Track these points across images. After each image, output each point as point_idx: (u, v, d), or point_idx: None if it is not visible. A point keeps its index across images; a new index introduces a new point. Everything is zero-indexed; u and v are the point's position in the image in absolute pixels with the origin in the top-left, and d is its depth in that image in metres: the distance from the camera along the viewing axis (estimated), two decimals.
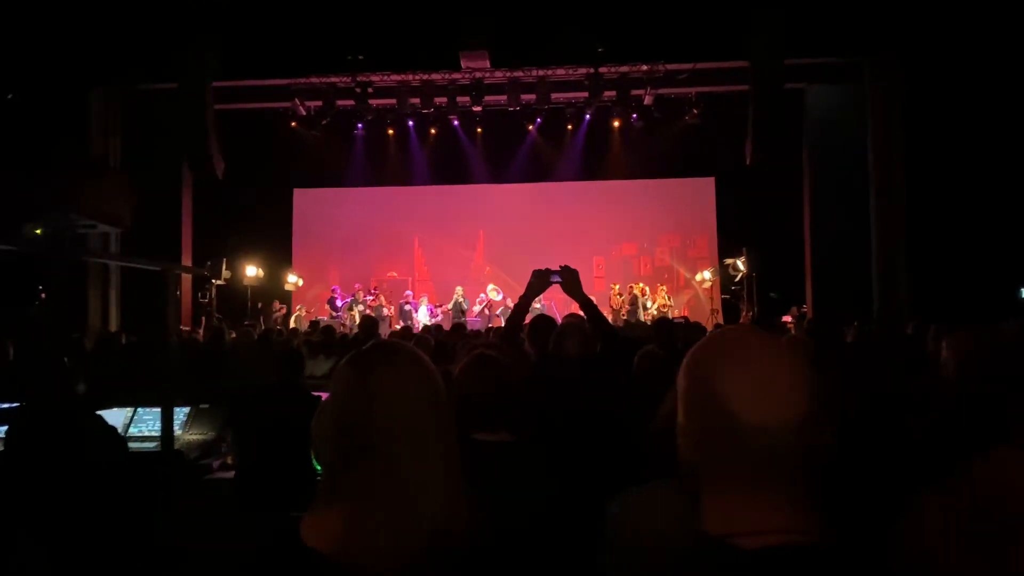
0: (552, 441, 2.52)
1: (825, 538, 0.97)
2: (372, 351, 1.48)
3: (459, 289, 15.89)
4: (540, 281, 3.11)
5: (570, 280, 3.12)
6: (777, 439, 0.97)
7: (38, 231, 10.64)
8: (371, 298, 16.05)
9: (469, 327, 10.66)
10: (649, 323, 11.85)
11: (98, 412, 4.42)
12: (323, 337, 7.49)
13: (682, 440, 1.08)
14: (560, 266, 3.21)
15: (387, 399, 1.37)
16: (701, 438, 1.04)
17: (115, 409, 4.61)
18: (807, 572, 0.93)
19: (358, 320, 13.01)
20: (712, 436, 1.02)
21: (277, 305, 15.56)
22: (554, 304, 14.40)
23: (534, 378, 3.38)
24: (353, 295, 16.06)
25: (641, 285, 15.99)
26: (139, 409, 4.65)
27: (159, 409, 4.05)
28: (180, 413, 4.65)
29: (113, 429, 3.05)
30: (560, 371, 3.36)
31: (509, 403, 2.20)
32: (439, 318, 15.15)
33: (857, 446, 2.08)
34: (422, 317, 15.43)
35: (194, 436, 4.60)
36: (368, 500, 1.32)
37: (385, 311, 15.51)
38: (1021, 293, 13.04)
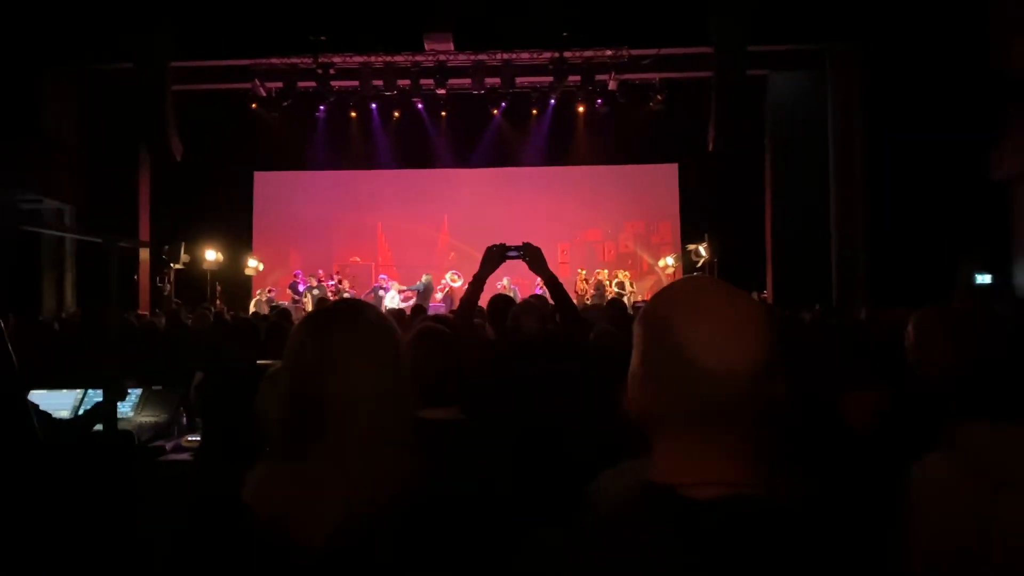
0: (504, 418, 2.50)
1: (773, 490, 0.96)
2: (332, 310, 1.39)
3: (426, 277, 15.84)
4: (494, 258, 3.07)
5: (535, 257, 3.09)
6: (733, 387, 0.94)
7: None
8: (332, 283, 15.89)
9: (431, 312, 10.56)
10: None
11: (47, 392, 4.37)
12: (281, 320, 7.38)
13: (634, 387, 1.04)
14: (522, 243, 3.17)
15: (343, 362, 1.28)
16: (655, 385, 1.00)
17: (64, 391, 4.51)
18: (755, 523, 0.92)
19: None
20: (666, 383, 0.98)
21: (219, 304, 14.54)
22: (516, 287, 14.40)
23: (488, 356, 3.36)
24: (319, 281, 15.88)
25: (606, 272, 16.11)
26: (88, 391, 4.54)
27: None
28: (132, 395, 4.56)
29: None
30: (516, 349, 3.35)
31: (457, 379, 2.12)
32: (409, 303, 15.02)
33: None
34: (390, 301, 15.29)
35: (146, 418, 4.52)
36: (311, 469, 1.25)
37: (346, 295, 15.38)
38: (976, 279, 13.31)
